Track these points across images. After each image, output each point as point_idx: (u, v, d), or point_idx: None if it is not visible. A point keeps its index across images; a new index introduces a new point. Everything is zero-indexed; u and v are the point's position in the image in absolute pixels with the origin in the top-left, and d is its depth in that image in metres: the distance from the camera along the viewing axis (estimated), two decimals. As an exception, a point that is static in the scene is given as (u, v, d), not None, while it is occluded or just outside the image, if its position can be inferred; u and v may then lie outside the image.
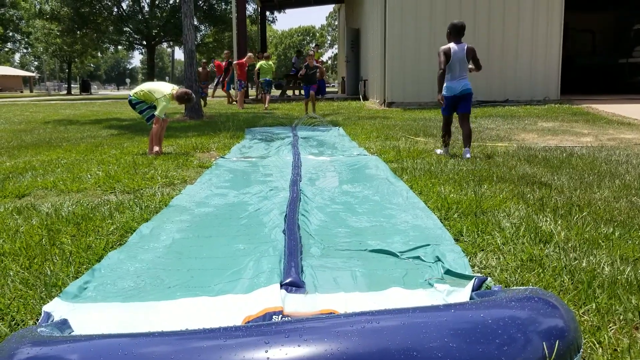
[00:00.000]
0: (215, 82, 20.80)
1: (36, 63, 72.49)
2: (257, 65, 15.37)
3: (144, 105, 6.20)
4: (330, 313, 1.96)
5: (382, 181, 4.43)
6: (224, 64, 19.38)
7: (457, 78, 5.47)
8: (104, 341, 1.44)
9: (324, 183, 4.57)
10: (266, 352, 1.34)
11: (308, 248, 2.76)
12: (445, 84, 5.55)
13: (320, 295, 2.14)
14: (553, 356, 1.41)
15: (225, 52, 21.39)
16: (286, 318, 1.91)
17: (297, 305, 2.03)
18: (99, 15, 34.82)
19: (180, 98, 6.09)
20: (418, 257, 2.58)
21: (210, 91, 21.53)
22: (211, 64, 21.44)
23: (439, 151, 5.96)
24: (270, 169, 5.38)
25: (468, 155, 5.50)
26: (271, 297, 2.04)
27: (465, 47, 5.43)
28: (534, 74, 13.77)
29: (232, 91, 19.69)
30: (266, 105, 14.80)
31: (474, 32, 13.44)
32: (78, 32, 35.18)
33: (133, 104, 6.24)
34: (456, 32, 5.46)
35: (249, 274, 2.37)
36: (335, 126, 9.27)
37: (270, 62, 15.59)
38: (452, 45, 5.44)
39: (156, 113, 6.08)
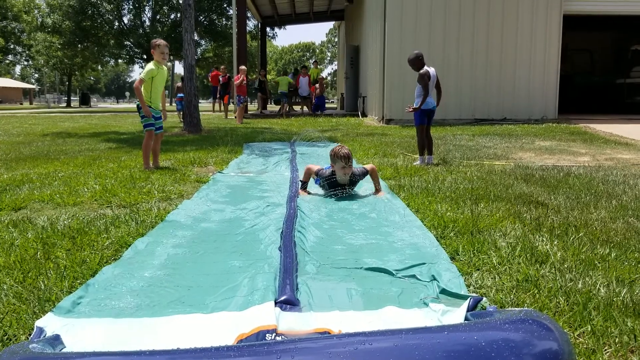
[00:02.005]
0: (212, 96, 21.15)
1: (36, 75, 72.77)
2: (277, 79, 20.10)
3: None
4: (325, 332, 1.95)
5: (379, 198, 4.43)
6: (221, 79, 19.52)
7: (430, 95, 6.49)
8: (95, 359, 1.44)
9: (320, 199, 4.57)
10: (258, 372, 1.34)
11: (304, 265, 2.75)
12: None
13: (315, 313, 2.13)
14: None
15: (222, 67, 21.47)
16: (280, 337, 1.90)
17: (292, 323, 2.02)
18: (100, 29, 35.11)
19: (153, 50, 6.23)
20: (414, 276, 2.57)
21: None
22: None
23: (417, 162, 6.60)
24: (267, 184, 5.38)
25: (433, 161, 6.62)
26: (265, 315, 2.03)
27: (435, 71, 6.50)
28: (532, 92, 13.86)
29: (231, 106, 19.77)
30: (282, 112, 18.27)
31: (473, 50, 13.57)
32: (79, 45, 35.49)
33: (139, 107, 6.27)
34: (424, 59, 6.47)
35: (244, 292, 2.36)
36: (333, 142, 9.29)
37: (287, 77, 19.18)
38: (427, 69, 6.41)
39: (141, 75, 6.17)
